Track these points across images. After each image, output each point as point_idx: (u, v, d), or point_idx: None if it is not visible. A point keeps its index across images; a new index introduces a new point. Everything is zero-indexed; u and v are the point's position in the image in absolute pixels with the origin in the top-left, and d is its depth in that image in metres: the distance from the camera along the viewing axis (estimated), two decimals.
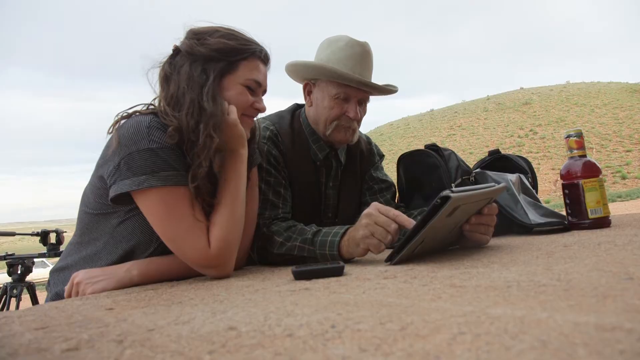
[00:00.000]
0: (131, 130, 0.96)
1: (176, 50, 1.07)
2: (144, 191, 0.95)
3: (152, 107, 1.07)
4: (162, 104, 1.04)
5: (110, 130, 1.01)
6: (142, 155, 0.94)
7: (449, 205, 0.84)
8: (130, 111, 1.04)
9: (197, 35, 1.06)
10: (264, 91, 1.15)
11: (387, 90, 1.42)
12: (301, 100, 1.51)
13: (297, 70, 1.42)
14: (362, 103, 1.42)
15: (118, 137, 0.97)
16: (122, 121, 1.01)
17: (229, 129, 1.04)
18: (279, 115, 1.48)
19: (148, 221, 0.98)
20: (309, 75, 1.42)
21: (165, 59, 1.07)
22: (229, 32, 1.08)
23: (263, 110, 1.13)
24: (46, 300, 1.13)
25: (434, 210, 0.86)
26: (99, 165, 1.03)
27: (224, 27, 1.09)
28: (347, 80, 1.34)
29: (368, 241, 1.00)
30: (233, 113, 1.05)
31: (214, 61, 1.04)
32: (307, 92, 1.45)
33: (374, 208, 1.02)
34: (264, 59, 1.13)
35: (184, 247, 0.96)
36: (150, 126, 0.97)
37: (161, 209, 0.95)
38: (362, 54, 1.38)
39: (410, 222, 0.96)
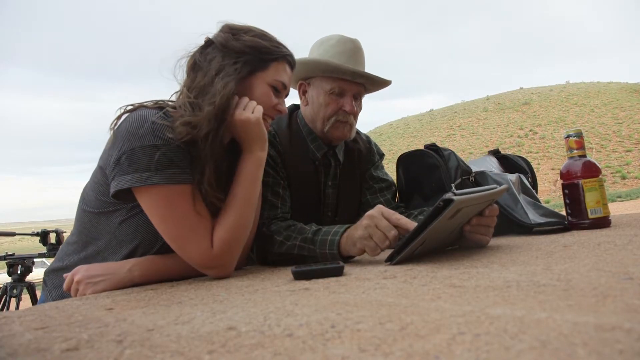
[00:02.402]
0: (135, 124, 0.94)
1: (209, 42, 1.07)
2: (146, 188, 0.93)
3: (160, 102, 1.05)
4: (183, 91, 1.02)
5: (113, 124, 0.98)
6: (146, 151, 0.92)
7: (452, 208, 0.84)
8: (136, 104, 1.01)
9: (232, 30, 1.06)
10: (287, 94, 1.16)
11: (381, 81, 1.44)
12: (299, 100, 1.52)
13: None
14: (357, 98, 1.44)
15: (121, 131, 0.95)
16: (125, 115, 0.99)
17: (252, 127, 1.02)
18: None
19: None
20: (303, 74, 1.44)
21: (195, 49, 1.07)
22: (262, 33, 1.09)
23: (284, 113, 1.14)
24: (41, 300, 1.12)
25: (436, 213, 0.86)
26: (101, 160, 1.01)
27: (258, 28, 1.11)
28: (341, 73, 1.36)
29: (365, 242, 1.00)
30: (258, 112, 1.03)
31: (246, 56, 1.04)
32: (302, 91, 1.47)
33: (378, 211, 1.01)
34: (292, 63, 1.14)
35: (186, 247, 0.95)
36: (155, 121, 0.94)
37: (164, 208, 0.94)
38: (353, 49, 1.41)
39: (412, 225, 0.96)
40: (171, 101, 1.06)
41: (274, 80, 1.08)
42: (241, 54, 1.03)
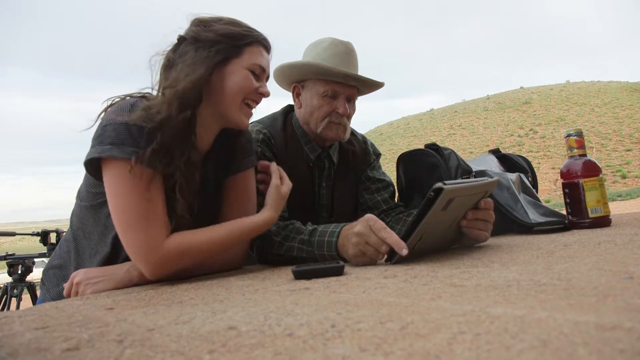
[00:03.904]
0: (116, 106, 0.96)
1: (181, 39, 1.06)
2: (108, 162, 0.92)
3: (147, 93, 1.05)
4: (160, 92, 1.01)
5: (100, 114, 0.99)
6: (116, 127, 0.92)
7: (443, 197, 0.85)
8: (122, 95, 1.02)
9: (203, 23, 1.06)
10: (267, 77, 1.15)
11: (373, 83, 1.44)
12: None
13: (284, 73, 1.44)
14: (351, 100, 1.45)
15: (106, 113, 0.97)
16: (112, 106, 1.00)
17: (283, 198, 1.12)
18: (272, 117, 1.50)
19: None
20: (296, 77, 1.44)
21: (168, 48, 1.06)
22: (232, 20, 1.09)
23: (267, 95, 1.13)
24: (39, 299, 1.12)
25: (428, 204, 0.87)
26: None
27: (228, 17, 1.10)
28: (333, 75, 1.37)
29: (359, 260, 0.98)
30: (287, 187, 1.15)
31: (219, 45, 1.03)
32: (296, 94, 1.48)
33: (366, 227, 0.97)
34: (267, 46, 1.13)
35: (133, 231, 0.91)
36: (135, 105, 0.96)
37: (121, 185, 0.91)
38: (346, 52, 1.41)
39: (400, 246, 0.90)
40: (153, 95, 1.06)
41: (251, 64, 1.07)
42: (214, 44, 1.03)
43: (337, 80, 1.38)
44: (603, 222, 1.30)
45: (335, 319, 0.49)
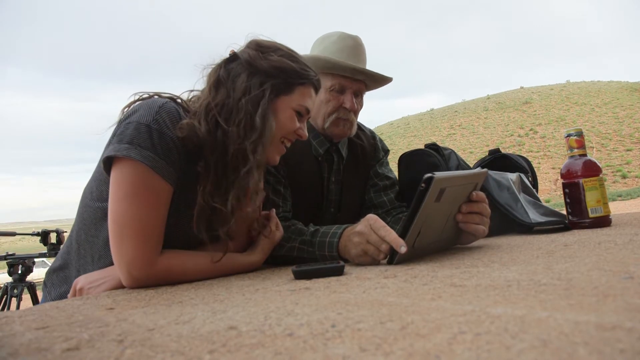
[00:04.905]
0: (144, 105, 0.94)
1: (234, 57, 1.03)
2: (121, 161, 0.89)
3: (175, 96, 1.03)
4: (203, 106, 0.98)
5: (124, 108, 0.97)
6: (138, 128, 0.90)
7: (434, 186, 0.86)
8: (150, 93, 1.00)
9: (261, 48, 1.03)
10: (308, 118, 1.14)
11: (381, 78, 1.44)
12: None
13: None
14: (358, 95, 1.44)
15: (130, 109, 0.95)
16: (139, 102, 0.98)
17: (272, 245, 1.11)
18: None
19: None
20: None
21: (219, 62, 1.03)
22: (291, 54, 1.06)
23: (304, 138, 1.10)
24: (42, 301, 1.12)
25: (421, 196, 0.87)
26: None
27: (286, 47, 1.08)
28: (341, 69, 1.36)
29: (362, 259, 0.99)
30: (280, 232, 1.13)
31: (272, 78, 1.00)
32: None
33: (367, 226, 0.98)
34: (318, 87, 1.11)
35: (127, 243, 0.87)
36: (162, 108, 0.93)
37: (127, 187, 0.88)
38: (354, 46, 1.41)
39: (398, 243, 0.90)
40: (183, 100, 1.04)
41: (298, 105, 1.04)
42: (268, 76, 1.00)
43: (345, 75, 1.37)
44: (603, 222, 1.30)
45: (335, 318, 0.49)
